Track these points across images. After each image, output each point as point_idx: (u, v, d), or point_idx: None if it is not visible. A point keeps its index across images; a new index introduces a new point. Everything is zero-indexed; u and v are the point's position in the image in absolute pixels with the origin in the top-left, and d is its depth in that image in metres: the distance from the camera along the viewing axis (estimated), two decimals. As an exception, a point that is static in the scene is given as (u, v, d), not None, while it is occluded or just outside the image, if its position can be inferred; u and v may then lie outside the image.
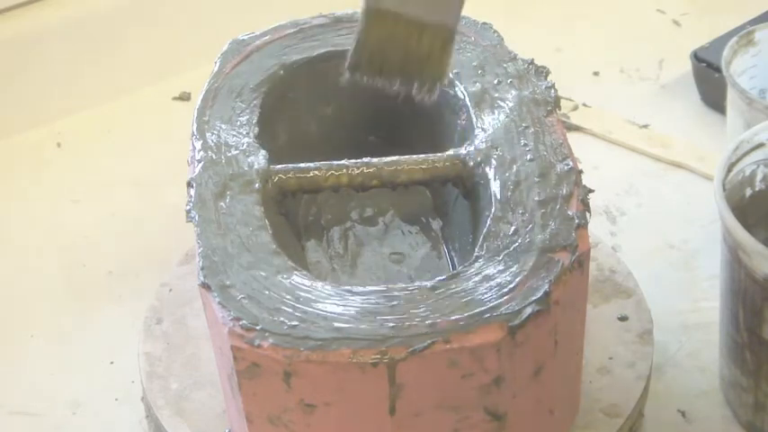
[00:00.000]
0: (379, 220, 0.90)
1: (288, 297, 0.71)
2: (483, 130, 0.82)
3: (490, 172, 0.79)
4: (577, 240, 0.73)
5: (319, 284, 0.73)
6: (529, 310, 0.70)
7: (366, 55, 0.75)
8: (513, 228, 0.75)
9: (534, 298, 0.70)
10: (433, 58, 0.76)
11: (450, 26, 0.75)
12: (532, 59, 0.86)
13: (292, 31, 0.90)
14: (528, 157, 0.79)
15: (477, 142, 0.81)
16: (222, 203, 0.77)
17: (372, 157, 0.82)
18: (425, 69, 0.76)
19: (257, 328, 0.69)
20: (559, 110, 0.84)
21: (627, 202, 1.04)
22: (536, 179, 0.77)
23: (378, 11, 0.74)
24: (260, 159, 0.80)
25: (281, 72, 0.87)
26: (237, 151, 0.81)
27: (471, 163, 0.80)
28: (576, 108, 1.14)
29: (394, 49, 0.75)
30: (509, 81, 0.85)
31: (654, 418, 0.85)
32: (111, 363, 0.92)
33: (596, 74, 1.19)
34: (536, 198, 0.76)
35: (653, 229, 1.01)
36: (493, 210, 0.76)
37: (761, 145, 0.84)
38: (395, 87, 0.76)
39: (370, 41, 0.74)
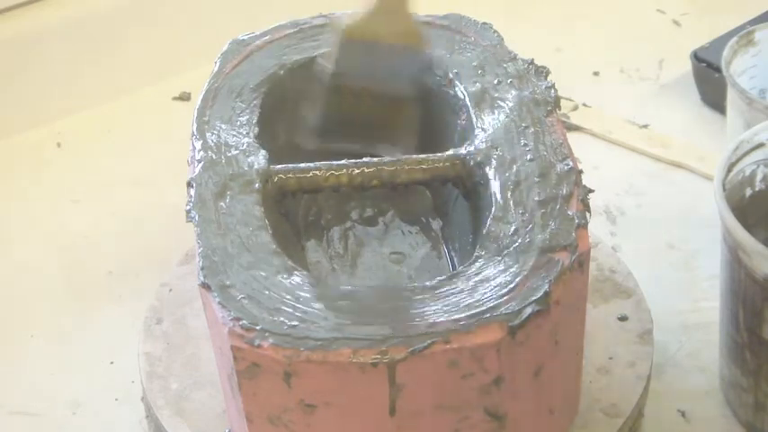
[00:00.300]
0: (379, 220, 0.90)
1: (288, 297, 0.71)
2: (483, 130, 0.82)
3: (490, 172, 0.79)
4: (577, 240, 0.73)
5: (319, 284, 0.73)
6: (529, 310, 0.70)
7: (331, 125, 0.79)
8: (513, 228, 0.75)
9: (534, 298, 0.70)
10: (396, 127, 0.80)
11: (410, 98, 0.79)
12: (532, 59, 0.86)
13: (292, 31, 0.90)
14: (528, 157, 0.79)
15: (477, 142, 0.81)
16: (222, 203, 0.77)
17: (372, 157, 0.82)
18: (389, 136, 0.80)
19: (257, 328, 0.69)
20: (559, 110, 0.84)
21: (627, 202, 1.04)
22: (536, 179, 0.77)
23: (337, 84, 0.78)
24: (260, 159, 0.80)
25: (281, 72, 0.87)
26: (237, 151, 0.81)
27: (471, 163, 0.80)
28: (576, 108, 1.14)
29: (356, 119, 0.79)
30: (509, 81, 0.85)
31: (654, 418, 0.85)
32: (111, 363, 0.92)
33: (596, 74, 1.19)
34: (536, 198, 0.76)
35: (653, 229, 1.01)
36: (493, 210, 0.76)
37: (761, 145, 0.84)
38: (362, 150, 0.80)
39: (333, 112, 0.79)
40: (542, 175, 0.78)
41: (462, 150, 0.81)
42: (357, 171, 0.81)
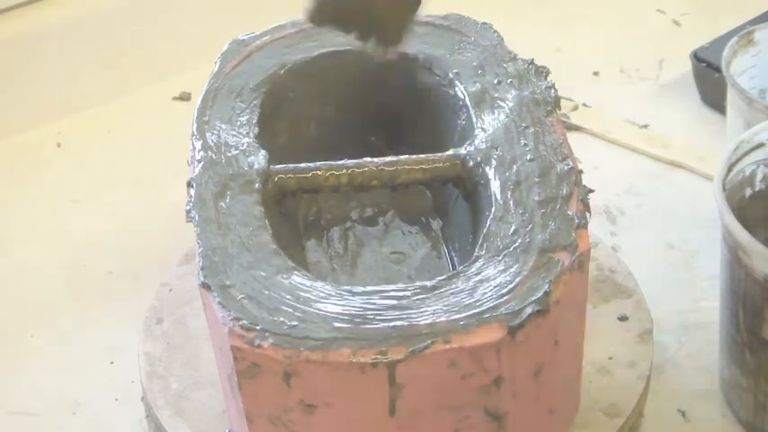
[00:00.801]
0: (379, 220, 0.90)
1: (288, 297, 0.71)
2: (483, 130, 0.82)
3: (490, 172, 0.79)
4: (577, 240, 0.73)
5: (319, 284, 0.73)
6: (529, 310, 0.70)
7: (327, 7, 0.78)
8: (513, 228, 0.75)
9: (534, 298, 0.70)
10: (391, 22, 0.78)
11: None
12: (532, 59, 0.86)
13: (292, 31, 0.90)
14: (528, 157, 0.79)
15: (477, 142, 0.81)
16: (222, 203, 0.77)
17: (372, 157, 0.82)
18: (382, 30, 0.78)
19: (257, 328, 0.69)
20: (559, 110, 0.84)
21: (627, 202, 1.04)
22: (536, 179, 0.77)
23: None
24: (260, 159, 0.80)
25: (281, 72, 0.87)
26: (237, 151, 0.81)
27: (471, 163, 0.80)
28: (576, 108, 1.14)
29: (355, 6, 0.78)
30: (509, 81, 0.85)
31: (654, 418, 0.85)
32: (111, 363, 0.92)
33: (596, 74, 1.19)
34: (536, 198, 0.76)
35: (653, 229, 1.01)
36: (493, 210, 0.76)
37: (761, 145, 0.84)
38: (352, 39, 0.79)
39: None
40: (542, 175, 0.78)
41: (462, 150, 0.81)
42: (357, 171, 0.81)
